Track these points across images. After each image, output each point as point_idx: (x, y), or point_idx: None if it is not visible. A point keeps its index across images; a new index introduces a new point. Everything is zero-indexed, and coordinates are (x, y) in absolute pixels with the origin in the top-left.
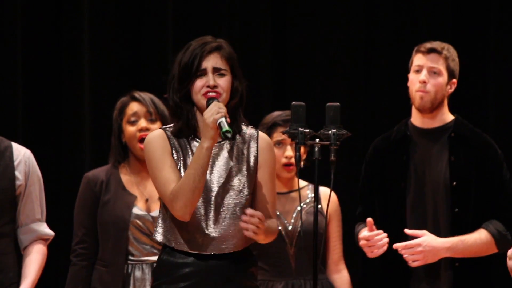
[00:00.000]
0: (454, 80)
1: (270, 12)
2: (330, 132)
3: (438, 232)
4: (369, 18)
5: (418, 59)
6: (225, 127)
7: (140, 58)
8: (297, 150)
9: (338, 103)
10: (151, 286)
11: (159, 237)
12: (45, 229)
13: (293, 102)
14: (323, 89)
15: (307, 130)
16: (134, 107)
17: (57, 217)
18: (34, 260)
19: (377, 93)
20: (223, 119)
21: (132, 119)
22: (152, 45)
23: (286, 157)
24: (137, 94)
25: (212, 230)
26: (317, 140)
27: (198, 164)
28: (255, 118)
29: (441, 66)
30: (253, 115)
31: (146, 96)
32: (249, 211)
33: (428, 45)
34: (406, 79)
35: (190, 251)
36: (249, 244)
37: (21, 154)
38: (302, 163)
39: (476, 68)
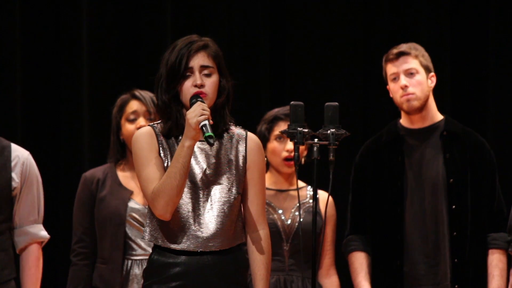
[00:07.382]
0: (432, 73)
1: (269, 11)
2: (328, 131)
3: (437, 230)
4: (368, 18)
5: (390, 68)
6: (208, 131)
7: (139, 57)
8: (296, 150)
9: (336, 103)
10: (142, 286)
11: (147, 236)
12: (40, 232)
13: (292, 102)
14: (322, 89)
15: (306, 130)
16: (134, 105)
17: (56, 217)
18: (31, 277)
19: (375, 93)
20: (206, 122)
21: (132, 117)
22: (152, 44)
23: (287, 151)
24: (137, 93)
25: (199, 228)
26: (316, 140)
27: (179, 162)
28: (254, 117)
29: (415, 65)
30: (252, 115)
31: (146, 95)
32: None
33: (395, 50)
34: None
35: (178, 249)
36: (236, 243)
37: (19, 155)
38: (302, 159)
39: (476, 68)
